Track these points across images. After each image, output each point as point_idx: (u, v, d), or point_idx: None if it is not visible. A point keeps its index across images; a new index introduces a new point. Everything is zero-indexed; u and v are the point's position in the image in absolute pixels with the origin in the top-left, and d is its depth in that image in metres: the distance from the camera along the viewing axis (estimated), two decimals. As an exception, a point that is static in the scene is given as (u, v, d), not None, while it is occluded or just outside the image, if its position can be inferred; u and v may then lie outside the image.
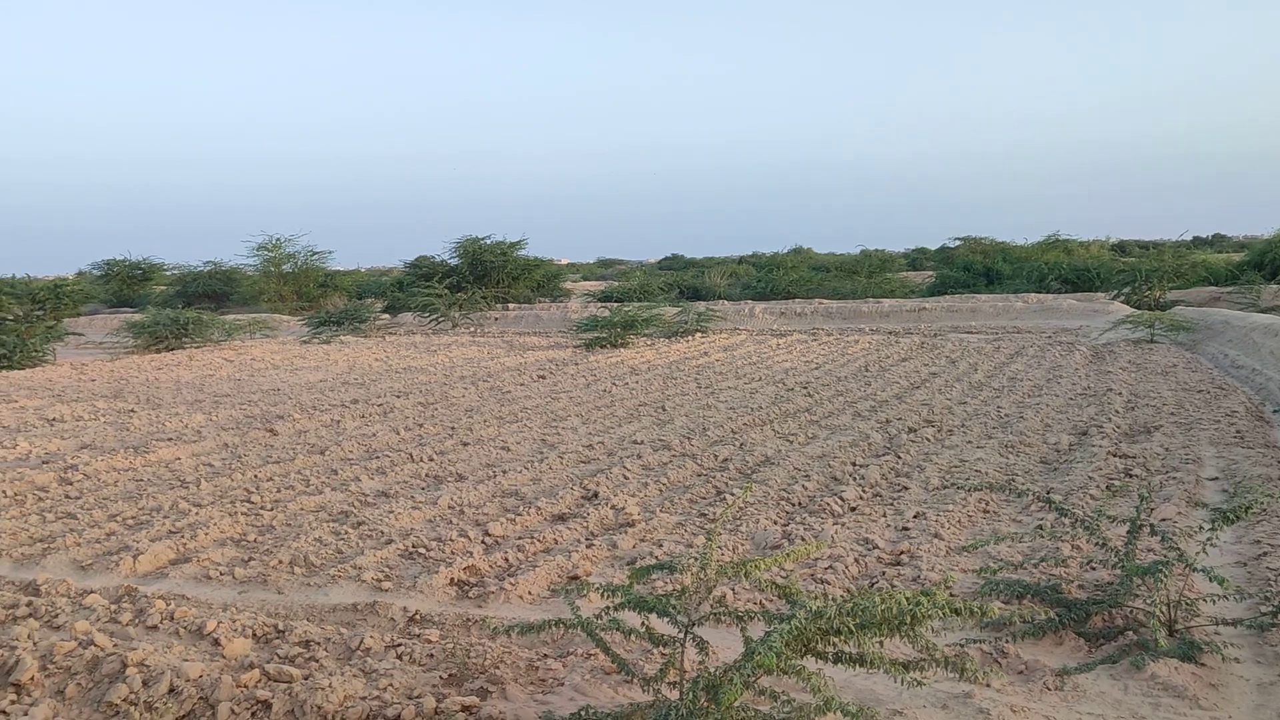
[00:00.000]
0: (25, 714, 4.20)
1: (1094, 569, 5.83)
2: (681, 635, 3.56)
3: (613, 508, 7.47)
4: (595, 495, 7.96)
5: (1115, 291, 27.61)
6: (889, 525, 6.99)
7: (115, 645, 4.85)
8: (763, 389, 14.13)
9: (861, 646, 3.18)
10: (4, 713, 4.32)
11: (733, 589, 5.54)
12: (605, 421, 11.61)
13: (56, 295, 24.14)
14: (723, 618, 3.58)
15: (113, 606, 5.55)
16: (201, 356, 21.79)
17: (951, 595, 4.65)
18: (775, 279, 35.87)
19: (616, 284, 39.71)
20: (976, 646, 4.74)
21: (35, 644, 4.89)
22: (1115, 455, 9.00)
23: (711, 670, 3.29)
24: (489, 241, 35.87)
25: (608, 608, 3.72)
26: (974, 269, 35.10)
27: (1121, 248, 51.79)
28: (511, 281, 35.28)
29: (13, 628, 5.14)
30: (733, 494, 7.91)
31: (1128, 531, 5.17)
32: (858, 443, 9.86)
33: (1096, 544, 5.22)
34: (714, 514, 7.32)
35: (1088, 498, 7.47)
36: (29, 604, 5.57)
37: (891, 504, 7.60)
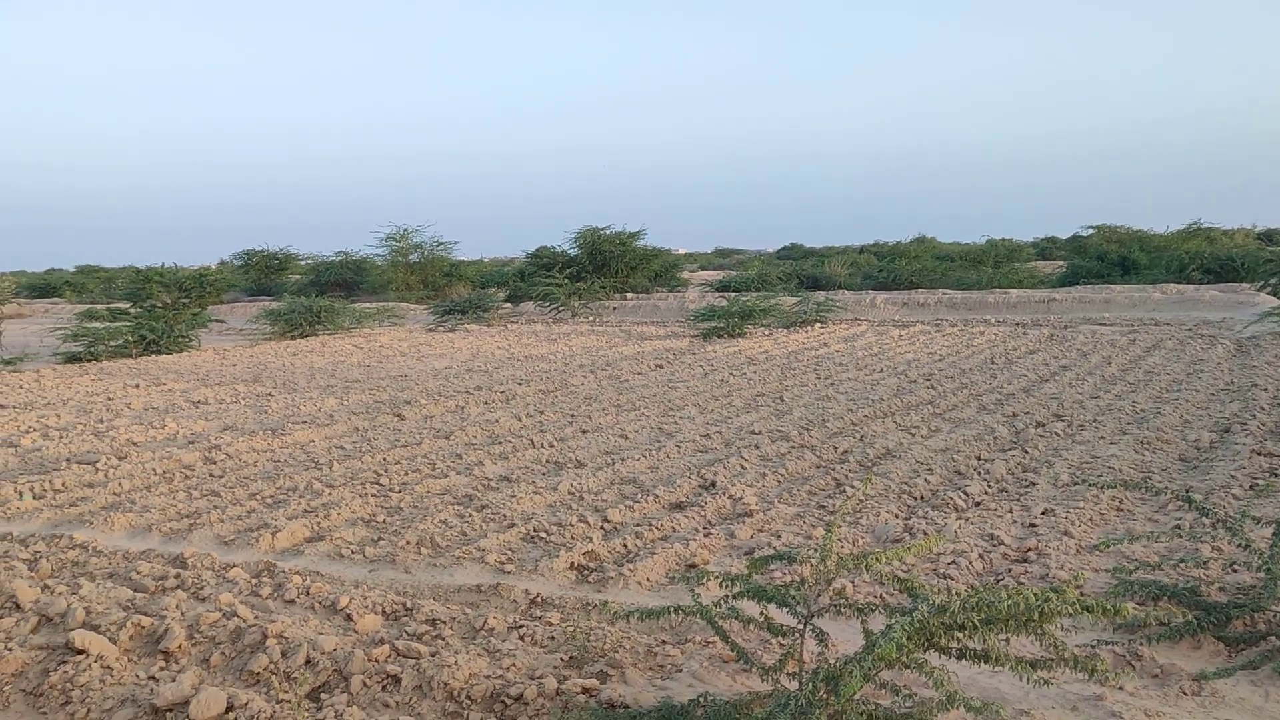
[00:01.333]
0: (174, 680, 4.45)
1: (1236, 571, 5.55)
2: (801, 626, 3.54)
3: (730, 497, 7.47)
4: (713, 485, 7.97)
5: (1262, 282, 26.06)
6: (1015, 521, 6.80)
7: (256, 617, 5.10)
8: (884, 380, 13.88)
9: (987, 643, 3.11)
10: (154, 678, 4.59)
11: (852, 581, 5.48)
12: (722, 411, 11.60)
13: (201, 284, 25.38)
14: (842, 610, 3.55)
15: (253, 580, 5.83)
16: (333, 343, 22.62)
17: (1082, 594, 4.50)
18: (897, 268, 35.15)
19: (734, 273, 39.56)
20: (1109, 648, 4.57)
21: (183, 614, 5.18)
22: (1260, 454, 8.54)
23: (831, 662, 3.27)
24: (608, 232, 36.14)
25: (727, 596, 3.73)
26: (1108, 258, 33.64)
27: (1269, 236, 48.98)
28: (630, 271, 35.47)
29: (162, 598, 5.46)
30: (853, 486, 7.81)
31: (1273, 533, 4.91)
32: (983, 436, 9.60)
33: (1239, 545, 4.97)
34: (833, 506, 7.25)
35: (1229, 497, 7.11)
36: (177, 576, 5.90)
37: (1018, 500, 7.38)
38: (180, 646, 4.83)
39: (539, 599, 5.44)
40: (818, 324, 23.81)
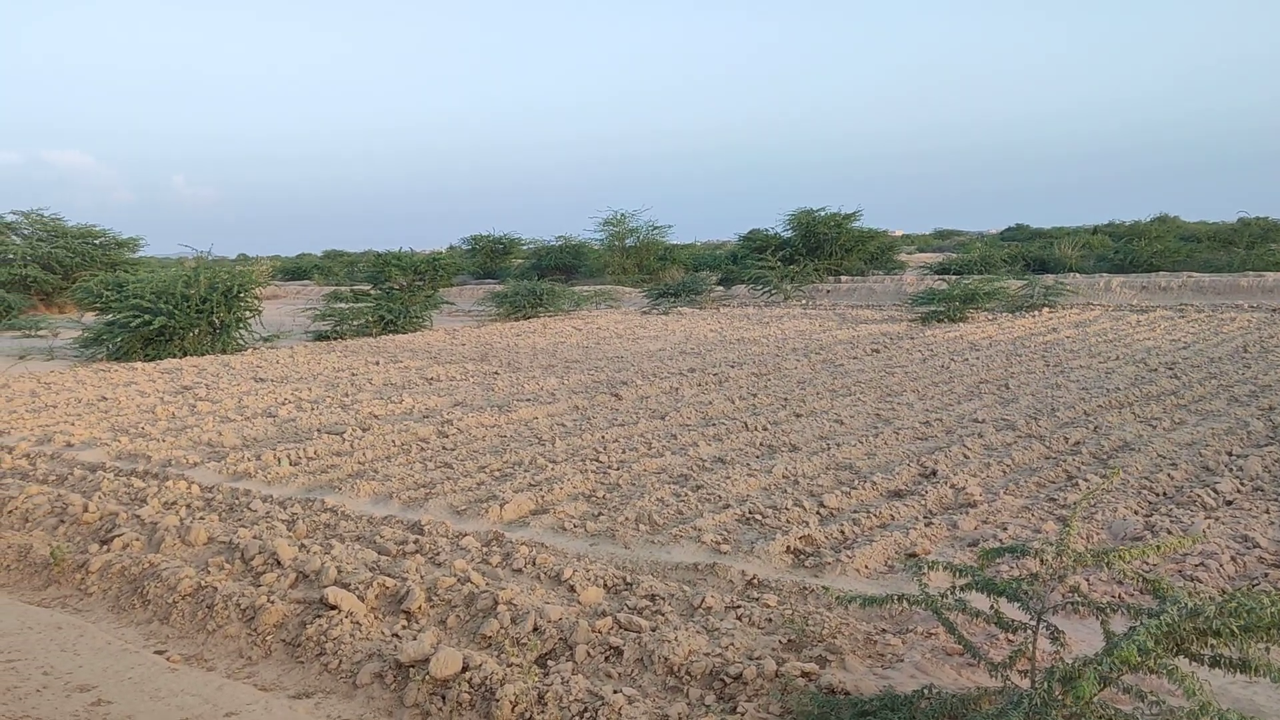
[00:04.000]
0: (415, 638, 4.76)
1: None
2: (1033, 622, 3.40)
3: (952, 487, 7.23)
4: (933, 473, 7.74)
5: None
6: (1273, 523, 6.24)
7: (487, 584, 5.38)
8: (1120, 369, 13.03)
9: (1245, 651, 2.88)
10: (397, 635, 4.93)
11: (1087, 579, 5.19)
12: (943, 398, 11.22)
13: (434, 267, 26.80)
14: (1079, 607, 3.38)
15: (484, 549, 6.15)
16: (554, 325, 23.43)
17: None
18: (1135, 250, 32.76)
19: (955, 256, 38.05)
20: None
21: (422, 577, 5.53)
22: None
23: (1067, 661, 3.12)
24: (823, 214, 35.60)
25: (953, 587, 3.63)
26: (1389, 236, 30.13)
27: None
28: (845, 254, 34.84)
29: (403, 561, 5.84)
30: (1086, 480, 7.39)
31: None
32: (1234, 430, 8.86)
33: None
34: (1063, 500, 6.88)
35: None
36: (415, 541, 6.30)
37: (1276, 500, 6.77)
38: (420, 607, 5.16)
39: (755, 580, 5.46)
40: (1045, 309, 22.59)
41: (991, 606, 3.57)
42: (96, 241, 36.18)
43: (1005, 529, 6.25)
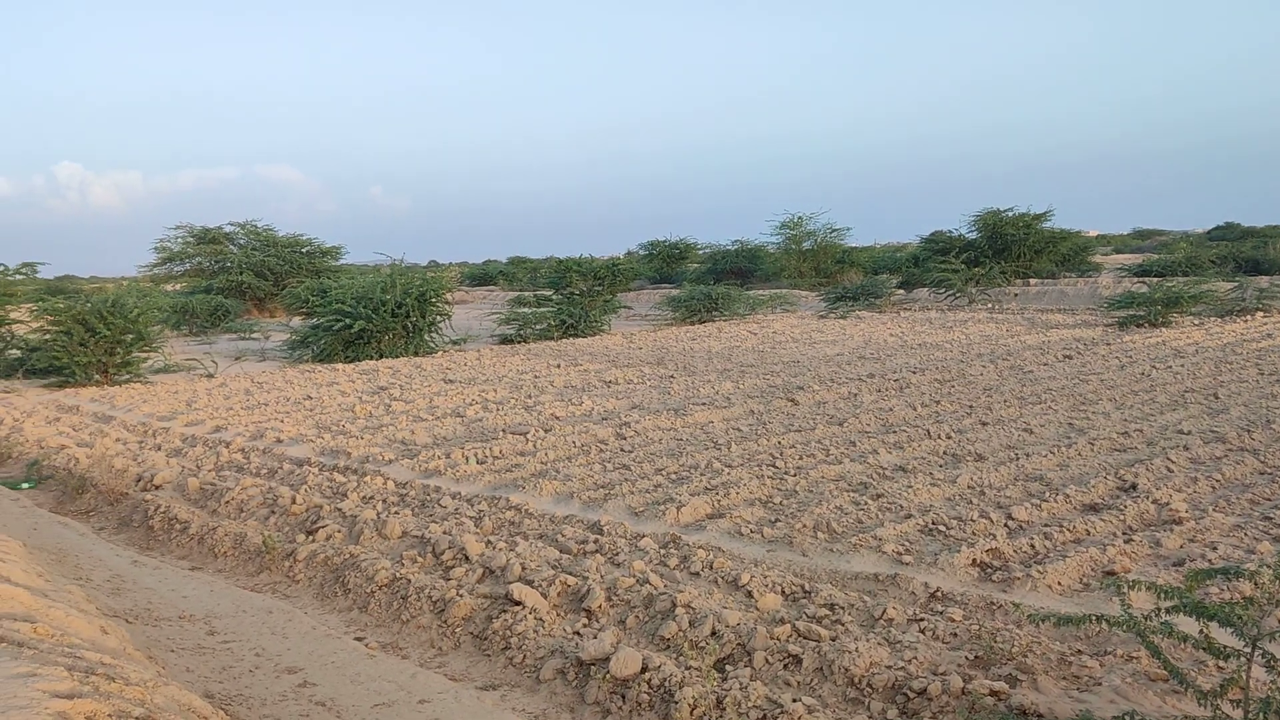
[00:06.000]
0: (595, 637, 4.87)
1: None
2: (1247, 649, 3.17)
3: (1154, 502, 6.81)
4: (1133, 487, 7.31)
5: None
6: None
7: (665, 586, 5.44)
8: (1348, 378, 11.95)
9: None
10: (578, 633, 5.05)
11: (1309, 607, 4.79)
12: (1143, 407, 10.58)
13: (613, 272, 27.29)
14: (1302, 637, 3.12)
15: (661, 551, 6.22)
16: (729, 329, 23.44)
17: None
18: (1366, 248, 29.98)
19: (1156, 256, 35.80)
20: None
21: (602, 577, 5.65)
22: None
23: (1288, 695, 2.89)
24: (1010, 214, 34.21)
25: (1157, 609, 3.42)
26: None
27: None
28: (1034, 255, 33.37)
29: (584, 560, 5.98)
30: (1308, 498, 6.81)
31: None
32: None
33: None
34: (1282, 519, 6.37)
35: None
36: (595, 541, 6.43)
37: None
38: (600, 606, 5.27)
39: (939, 593, 5.31)
40: (1259, 313, 20.97)
41: (1201, 631, 3.34)
42: (304, 250, 38.71)
43: (1214, 549, 5.84)
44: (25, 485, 9.50)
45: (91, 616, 4.46)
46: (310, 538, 6.96)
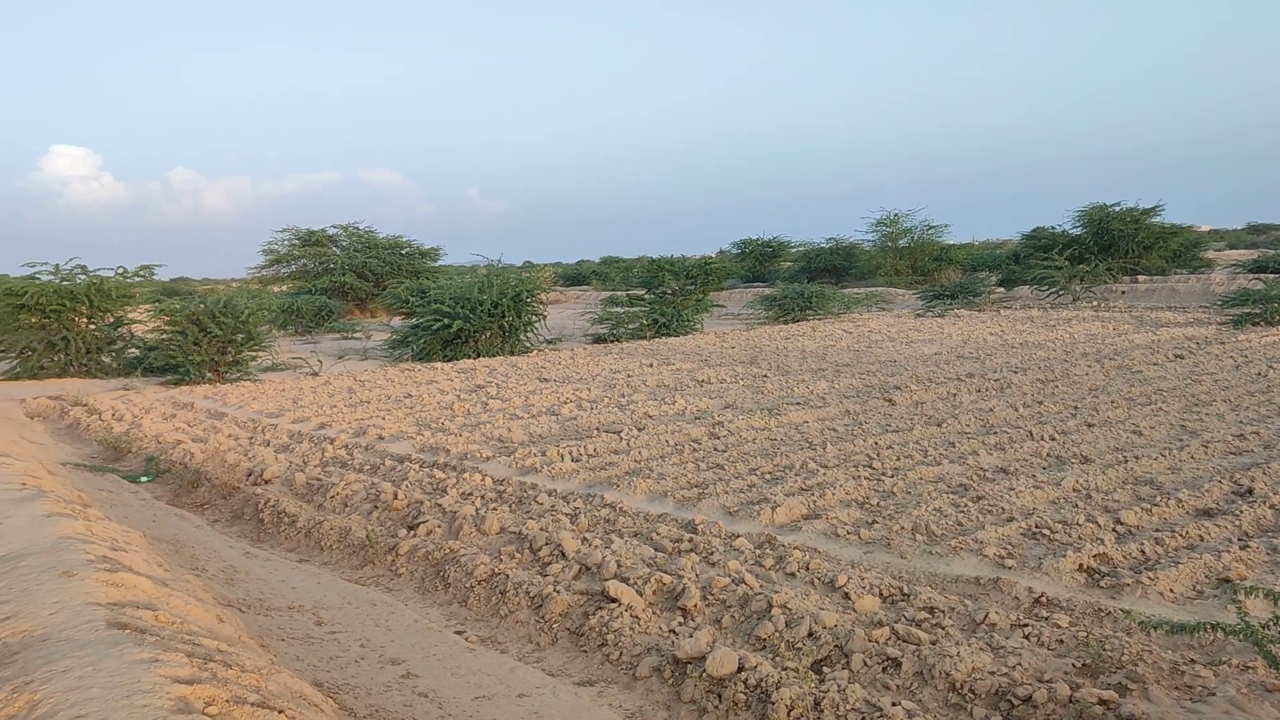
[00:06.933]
0: (691, 635, 4.88)
1: None
2: (1378, 665, 3.02)
3: (1272, 507, 6.53)
4: (1249, 492, 7.02)
5: None
6: None
7: (761, 586, 5.42)
8: None
9: None
10: (674, 631, 5.07)
11: None
12: (1261, 409, 10.14)
13: (705, 272, 27.33)
14: None
15: (756, 551, 6.20)
16: (823, 328, 23.20)
17: None
18: None
19: (1272, 252, 34.24)
20: None
21: (697, 576, 5.66)
22: None
23: None
24: (1118, 209, 33.12)
25: (1276, 617, 3.28)
26: None
27: None
28: (1143, 252, 32.27)
29: (679, 559, 6.00)
30: None
31: None
32: None
33: None
34: None
35: None
36: (690, 540, 6.44)
37: None
38: (695, 605, 5.28)
39: (1044, 599, 5.17)
40: (1390, 309, 19.88)
41: (1325, 644, 3.21)
42: (403, 251, 39.67)
43: (1340, 558, 5.57)
44: (144, 479, 9.93)
45: (208, 605, 4.65)
46: (411, 532, 7.13)
